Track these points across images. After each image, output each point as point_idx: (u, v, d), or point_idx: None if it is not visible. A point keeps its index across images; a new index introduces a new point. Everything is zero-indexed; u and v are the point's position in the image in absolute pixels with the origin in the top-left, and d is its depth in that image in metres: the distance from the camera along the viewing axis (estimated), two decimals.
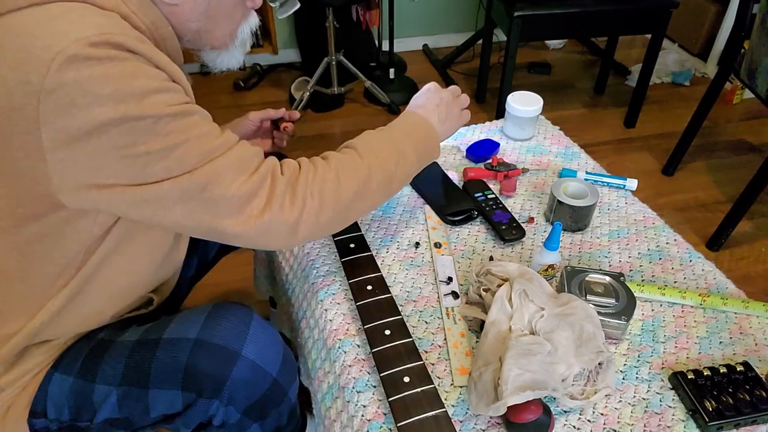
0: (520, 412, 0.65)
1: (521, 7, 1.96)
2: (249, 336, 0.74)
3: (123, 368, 0.75)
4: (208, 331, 0.73)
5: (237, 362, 0.72)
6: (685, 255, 0.95)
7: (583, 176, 1.10)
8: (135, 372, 0.74)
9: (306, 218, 0.69)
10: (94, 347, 0.78)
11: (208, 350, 0.72)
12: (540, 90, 1.26)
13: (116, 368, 0.75)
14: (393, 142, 0.81)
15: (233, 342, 0.73)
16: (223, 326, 0.74)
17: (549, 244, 0.85)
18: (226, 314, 0.75)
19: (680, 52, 2.92)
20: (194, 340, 0.73)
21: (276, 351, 0.77)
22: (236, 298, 0.98)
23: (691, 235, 1.86)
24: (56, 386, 0.76)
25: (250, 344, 0.73)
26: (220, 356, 0.72)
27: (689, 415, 0.71)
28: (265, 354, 0.75)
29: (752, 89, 1.69)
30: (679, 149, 2.09)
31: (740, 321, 0.84)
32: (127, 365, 0.75)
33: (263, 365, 0.74)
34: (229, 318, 0.75)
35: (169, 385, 0.73)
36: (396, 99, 2.49)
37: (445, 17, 2.98)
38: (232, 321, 0.74)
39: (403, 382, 0.70)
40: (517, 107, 1.18)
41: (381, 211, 1.03)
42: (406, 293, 0.87)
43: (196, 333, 0.73)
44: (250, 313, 0.77)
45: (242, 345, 0.73)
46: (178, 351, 0.73)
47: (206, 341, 0.73)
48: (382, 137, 0.81)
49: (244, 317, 0.75)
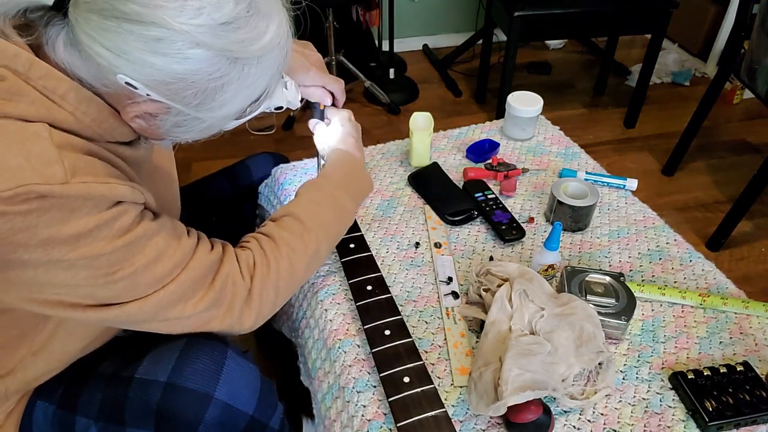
0: (520, 412, 0.65)
1: (521, 7, 1.96)
2: (222, 376, 0.70)
3: (100, 402, 0.73)
4: (179, 373, 0.70)
5: (209, 406, 0.69)
6: (685, 255, 0.95)
7: (583, 176, 1.10)
8: (111, 408, 0.72)
9: (264, 313, 0.73)
10: (74, 375, 0.76)
11: (179, 394, 0.69)
12: (540, 90, 1.26)
13: (93, 402, 0.73)
14: (332, 200, 0.81)
15: (205, 384, 0.70)
16: (194, 367, 0.70)
17: (549, 244, 0.85)
18: (198, 354, 0.71)
19: (680, 52, 2.92)
20: (164, 384, 0.69)
21: (251, 388, 0.74)
22: None
23: (691, 235, 1.86)
24: (40, 414, 0.75)
25: (223, 385, 0.70)
26: (191, 400, 0.69)
27: (689, 415, 0.71)
28: (239, 394, 0.72)
29: (752, 89, 1.69)
30: (679, 149, 2.09)
31: (740, 321, 0.84)
32: (104, 399, 0.73)
33: (237, 405, 0.72)
34: (201, 358, 0.71)
35: (144, 426, 0.71)
36: (396, 99, 2.49)
37: (445, 17, 2.98)
38: (204, 361, 0.71)
39: (403, 382, 0.70)
40: (517, 107, 1.18)
41: (381, 211, 1.03)
42: (406, 293, 0.87)
43: (167, 375, 0.70)
44: (225, 350, 0.72)
45: (215, 387, 0.70)
46: (149, 394, 0.70)
47: (177, 385, 0.69)
48: (322, 197, 0.81)
49: (218, 356, 0.72)
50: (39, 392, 0.76)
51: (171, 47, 0.52)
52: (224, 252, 0.70)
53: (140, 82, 0.54)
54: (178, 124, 0.61)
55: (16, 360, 0.70)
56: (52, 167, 0.53)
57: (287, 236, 0.75)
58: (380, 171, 1.14)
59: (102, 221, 0.57)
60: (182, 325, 0.67)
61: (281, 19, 0.59)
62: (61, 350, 0.73)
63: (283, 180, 1.09)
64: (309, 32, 2.75)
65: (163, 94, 0.56)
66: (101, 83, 0.56)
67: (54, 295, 0.59)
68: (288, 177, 1.10)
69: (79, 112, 0.57)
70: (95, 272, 0.58)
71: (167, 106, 0.58)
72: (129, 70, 0.53)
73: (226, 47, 0.54)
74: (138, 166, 0.69)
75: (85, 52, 0.53)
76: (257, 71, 0.59)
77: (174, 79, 0.54)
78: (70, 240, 0.55)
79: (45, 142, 0.54)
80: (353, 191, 0.85)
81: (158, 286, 0.63)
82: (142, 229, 0.61)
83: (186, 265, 0.65)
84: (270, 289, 0.72)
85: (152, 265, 0.61)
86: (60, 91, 0.55)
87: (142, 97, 0.56)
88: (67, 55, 0.55)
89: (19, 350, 0.69)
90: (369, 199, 1.06)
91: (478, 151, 1.16)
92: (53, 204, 0.53)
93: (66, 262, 0.56)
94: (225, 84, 0.57)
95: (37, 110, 0.54)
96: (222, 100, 0.59)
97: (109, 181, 0.58)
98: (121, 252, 0.59)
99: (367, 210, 1.03)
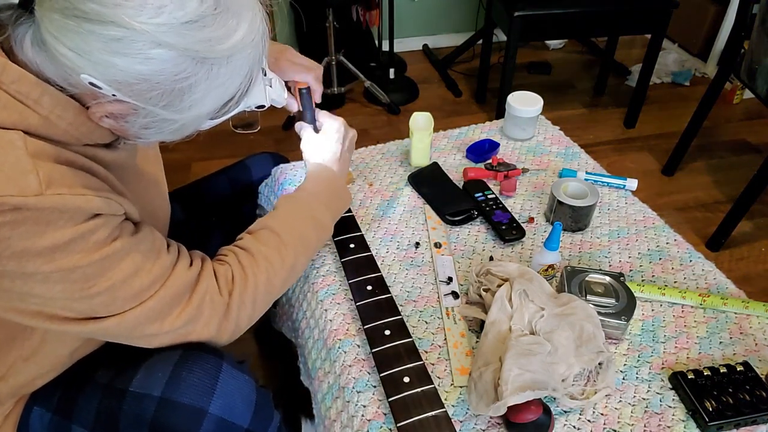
0: (520, 412, 0.65)
1: (521, 7, 1.96)
2: (217, 390, 0.70)
3: (95, 413, 0.73)
4: (174, 387, 0.69)
5: (204, 420, 0.69)
6: (685, 255, 0.95)
7: (583, 176, 1.10)
8: (106, 419, 0.72)
9: (242, 326, 0.74)
10: (70, 381, 0.76)
11: (174, 409, 0.69)
12: (540, 90, 1.26)
13: (89, 411, 0.73)
14: (310, 214, 0.82)
15: (199, 399, 0.69)
16: (188, 382, 0.69)
17: (549, 244, 0.85)
18: (192, 367, 0.70)
19: (680, 52, 2.92)
20: (159, 399, 0.69)
21: (246, 401, 0.73)
22: None
23: (691, 235, 1.86)
24: (37, 420, 0.75)
25: (217, 399, 0.70)
26: (185, 415, 0.69)
27: (689, 415, 0.71)
28: (233, 407, 0.72)
29: (752, 89, 1.69)
30: (679, 149, 2.09)
31: (740, 321, 0.84)
32: (99, 410, 0.73)
33: (232, 419, 0.71)
34: (196, 372, 0.70)
35: None
36: (396, 99, 2.49)
37: (445, 17, 2.98)
38: (199, 375, 0.70)
39: (403, 382, 0.70)
40: (517, 107, 1.18)
41: (381, 211, 1.03)
42: (406, 293, 0.87)
43: (161, 390, 0.69)
44: (219, 363, 0.72)
45: (209, 401, 0.69)
46: (143, 408, 0.69)
47: (171, 400, 0.69)
48: (300, 211, 0.81)
49: (212, 369, 0.71)
50: (35, 398, 0.76)
51: (131, 47, 0.50)
52: (203, 267, 0.70)
53: (104, 82, 0.52)
54: (147, 126, 0.58)
55: (8, 364, 0.70)
56: (27, 178, 0.52)
57: (265, 250, 0.75)
58: (380, 171, 1.14)
59: (78, 234, 0.56)
60: (160, 339, 0.68)
61: (254, 15, 0.56)
62: (52, 354, 0.73)
63: (283, 180, 1.09)
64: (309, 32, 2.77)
65: (128, 95, 0.54)
66: (68, 83, 0.54)
67: (33, 305, 0.59)
68: (288, 177, 1.10)
69: (54, 116, 0.55)
70: (71, 286, 0.58)
71: (134, 107, 0.55)
72: (92, 71, 0.51)
73: (191, 47, 0.52)
74: (120, 170, 0.68)
75: (50, 52, 0.51)
76: (228, 71, 0.56)
77: (137, 79, 0.52)
78: (44, 253, 0.54)
79: (19, 151, 0.53)
80: (331, 206, 0.86)
81: (136, 301, 0.63)
82: (120, 244, 0.60)
83: (164, 283, 0.65)
84: (248, 303, 0.72)
85: (130, 280, 0.61)
86: (34, 95, 0.54)
87: (108, 97, 0.54)
88: (34, 54, 0.53)
89: (10, 354, 0.69)
90: (369, 199, 1.06)
91: (478, 151, 1.16)
92: (27, 216, 0.52)
93: (41, 275, 0.56)
94: (192, 84, 0.55)
95: (9, 115, 0.53)
96: (191, 100, 0.56)
97: (85, 193, 0.56)
98: (98, 266, 0.58)
99: (367, 210, 1.03)
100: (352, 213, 0.98)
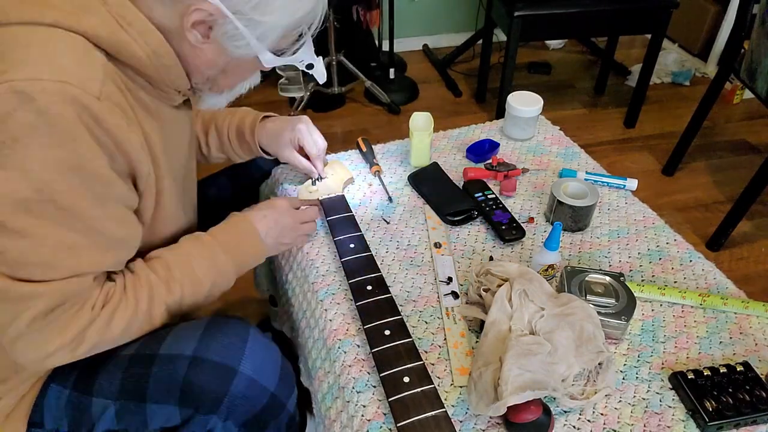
0: (520, 412, 0.65)
1: (521, 7, 1.96)
2: (246, 351, 0.72)
3: (120, 383, 0.74)
4: (205, 347, 0.72)
5: (234, 379, 0.71)
6: (685, 255, 0.95)
7: (583, 176, 1.10)
8: (132, 386, 0.73)
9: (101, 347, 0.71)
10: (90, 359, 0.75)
11: (206, 367, 0.71)
12: (540, 90, 1.26)
13: (113, 382, 0.74)
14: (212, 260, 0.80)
15: (230, 358, 0.72)
16: (219, 342, 0.72)
17: (549, 245, 0.85)
18: (223, 329, 0.74)
19: (680, 52, 2.92)
20: (191, 357, 0.71)
21: (274, 365, 0.76)
22: (236, 295, 0.97)
23: (691, 235, 1.86)
24: (53, 398, 0.76)
25: (247, 360, 0.72)
26: (217, 373, 0.71)
27: (689, 415, 0.71)
28: (262, 369, 0.74)
29: (752, 89, 1.69)
30: (679, 149, 2.09)
31: (740, 321, 0.84)
32: (124, 379, 0.74)
33: (261, 380, 0.73)
34: (227, 333, 0.73)
35: (167, 401, 0.72)
36: (396, 99, 2.49)
37: (445, 17, 2.98)
38: (230, 336, 0.73)
39: (403, 382, 0.70)
40: (517, 107, 1.18)
41: (381, 211, 1.03)
42: (406, 293, 0.87)
43: (193, 349, 0.72)
44: (247, 327, 0.75)
45: (239, 361, 0.72)
46: (175, 367, 0.71)
47: (203, 358, 0.71)
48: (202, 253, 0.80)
49: (242, 332, 0.74)
50: (53, 376, 0.76)
51: None
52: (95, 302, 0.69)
53: None
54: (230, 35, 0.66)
55: None
56: (94, 82, 0.59)
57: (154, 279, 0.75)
58: None
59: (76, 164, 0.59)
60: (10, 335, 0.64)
61: None
62: None
63: (284, 180, 1.09)
64: None
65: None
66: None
67: None
68: (288, 177, 1.10)
69: (141, 41, 0.63)
70: None
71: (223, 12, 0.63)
72: None
73: None
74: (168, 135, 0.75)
75: None
76: None
77: None
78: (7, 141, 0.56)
79: (99, 65, 0.61)
80: (238, 258, 0.84)
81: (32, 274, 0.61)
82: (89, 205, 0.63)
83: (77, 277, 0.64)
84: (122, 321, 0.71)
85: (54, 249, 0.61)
86: (129, 18, 0.62)
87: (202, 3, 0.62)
88: None
89: None
90: (369, 199, 1.06)
91: (478, 151, 1.16)
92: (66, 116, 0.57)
93: None
94: None
95: (103, 29, 0.61)
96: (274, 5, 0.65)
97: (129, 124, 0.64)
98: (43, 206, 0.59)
99: (367, 210, 1.03)
100: (352, 213, 0.98)
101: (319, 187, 1.03)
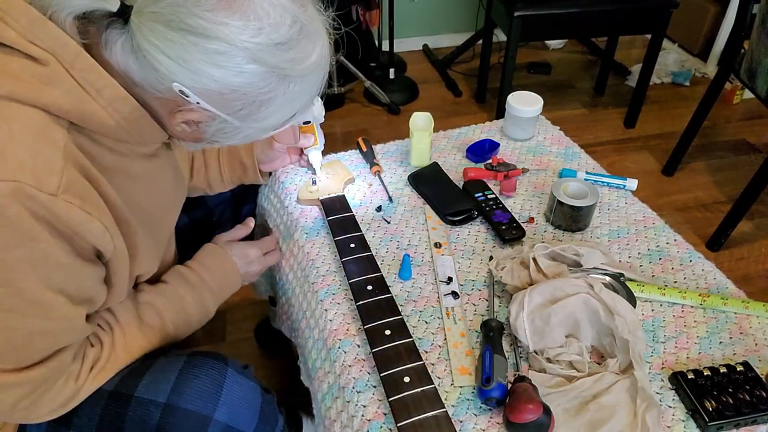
0: (520, 412, 0.65)
1: (521, 7, 1.96)
2: (222, 396, 0.71)
3: (98, 420, 0.73)
4: (179, 394, 0.71)
5: (209, 427, 0.70)
6: (685, 255, 0.95)
7: (583, 176, 1.10)
8: (108, 425, 0.73)
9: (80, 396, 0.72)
10: None
11: (179, 416, 0.70)
12: (540, 90, 1.26)
13: (92, 418, 0.73)
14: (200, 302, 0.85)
15: (204, 406, 0.70)
16: (194, 387, 0.71)
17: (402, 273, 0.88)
18: (198, 373, 0.73)
19: (680, 52, 2.92)
20: (164, 405, 0.70)
21: (252, 407, 0.75)
22: (236, 296, 0.97)
23: (691, 235, 1.86)
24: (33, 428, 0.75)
25: (222, 406, 0.71)
26: (191, 421, 0.70)
27: (689, 415, 0.71)
28: (238, 414, 0.73)
29: (752, 89, 1.69)
30: (679, 149, 2.09)
31: (740, 321, 0.84)
32: (102, 417, 0.73)
33: (237, 426, 0.73)
34: (201, 378, 0.72)
35: None
36: (396, 99, 2.49)
37: (445, 17, 2.97)
38: (204, 381, 0.72)
39: (403, 382, 0.70)
40: (517, 107, 1.18)
41: (381, 211, 1.03)
42: (406, 293, 0.87)
43: (166, 396, 0.71)
44: (224, 369, 0.74)
45: (214, 408, 0.71)
46: (148, 414, 0.71)
47: (176, 406, 0.70)
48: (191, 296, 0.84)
49: (217, 376, 0.73)
50: None
51: (231, 61, 0.55)
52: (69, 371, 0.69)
53: (194, 91, 0.57)
54: (221, 130, 0.63)
55: None
56: (51, 176, 0.55)
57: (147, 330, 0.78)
58: None
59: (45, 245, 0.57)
60: None
61: (324, 42, 0.63)
62: None
63: (284, 179, 1.09)
64: None
65: (213, 104, 0.59)
66: (154, 88, 0.58)
67: None
68: (288, 177, 1.10)
69: (110, 109, 0.59)
70: None
71: (213, 115, 0.60)
72: (186, 79, 0.56)
73: (279, 65, 0.58)
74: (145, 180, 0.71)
75: (144, 59, 0.55)
76: (300, 88, 0.62)
77: (228, 90, 0.57)
78: None
79: (58, 147, 0.56)
80: (219, 296, 0.89)
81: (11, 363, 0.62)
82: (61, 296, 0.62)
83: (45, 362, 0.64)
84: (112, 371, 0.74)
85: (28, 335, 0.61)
86: (98, 85, 0.57)
87: (191, 105, 0.59)
88: (123, 57, 0.57)
89: None
90: (369, 199, 1.06)
91: (478, 151, 1.16)
92: None
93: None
94: (272, 98, 0.60)
95: (67, 100, 0.56)
96: (267, 113, 0.62)
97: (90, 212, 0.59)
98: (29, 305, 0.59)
99: (367, 210, 1.03)
100: (352, 213, 0.98)
101: (319, 187, 1.03)
